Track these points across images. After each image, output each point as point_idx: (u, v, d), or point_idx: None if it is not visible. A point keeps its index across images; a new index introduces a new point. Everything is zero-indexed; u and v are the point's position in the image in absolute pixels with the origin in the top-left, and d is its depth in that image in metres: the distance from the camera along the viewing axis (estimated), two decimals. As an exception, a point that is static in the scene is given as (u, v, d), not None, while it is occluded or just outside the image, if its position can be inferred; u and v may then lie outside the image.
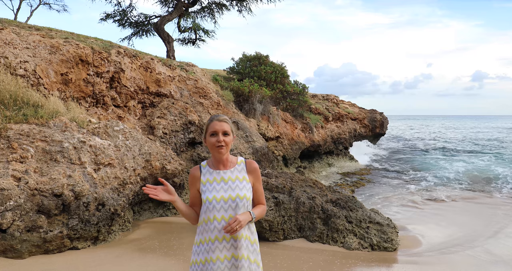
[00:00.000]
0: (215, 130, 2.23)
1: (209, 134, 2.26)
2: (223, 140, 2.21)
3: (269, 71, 13.94)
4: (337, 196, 6.22)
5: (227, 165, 2.31)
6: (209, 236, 2.20)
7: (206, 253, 2.19)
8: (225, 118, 2.28)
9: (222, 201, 2.20)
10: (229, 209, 2.20)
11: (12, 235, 4.40)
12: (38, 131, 5.20)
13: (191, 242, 5.45)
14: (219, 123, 2.24)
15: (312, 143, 14.82)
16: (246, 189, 2.26)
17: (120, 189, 5.63)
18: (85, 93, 7.56)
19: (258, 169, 2.37)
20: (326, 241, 5.59)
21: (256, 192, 2.35)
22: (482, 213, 8.18)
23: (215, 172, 2.29)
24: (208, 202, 2.21)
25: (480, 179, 12.00)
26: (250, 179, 2.32)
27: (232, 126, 2.30)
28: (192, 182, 2.32)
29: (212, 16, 17.11)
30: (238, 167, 2.32)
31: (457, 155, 20.20)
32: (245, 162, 2.36)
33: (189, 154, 8.90)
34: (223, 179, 2.26)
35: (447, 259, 5.20)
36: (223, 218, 2.18)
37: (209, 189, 2.24)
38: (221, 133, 2.23)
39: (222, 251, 2.17)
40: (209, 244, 2.19)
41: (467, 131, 48.89)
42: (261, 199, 2.38)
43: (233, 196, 2.21)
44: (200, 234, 2.25)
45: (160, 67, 9.53)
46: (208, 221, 2.20)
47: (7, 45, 6.45)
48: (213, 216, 2.19)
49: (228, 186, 2.24)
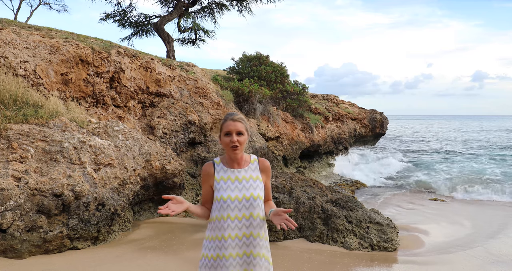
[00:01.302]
0: (229, 130, 2.23)
1: (223, 134, 2.27)
2: (237, 140, 2.22)
3: (269, 71, 13.94)
4: (337, 196, 6.22)
5: (242, 164, 2.34)
6: (222, 234, 2.23)
7: (218, 249, 2.23)
8: (240, 118, 2.29)
9: (236, 200, 2.24)
10: (243, 208, 2.24)
11: (12, 235, 4.40)
12: (38, 131, 5.20)
13: (191, 242, 5.45)
14: (233, 123, 2.24)
15: (312, 143, 14.82)
16: (260, 188, 2.31)
17: (120, 189, 5.63)
18: (85, 93, 7.56)
19: (270, 167, 2.41)
20: (326, 241, 5.59)
21: (266, 189, 2.40)
22: (482, 214, 8.18)
23: (229, 170, 2.31)
24: (223, 201, 2.24)
25: (482, 180, 11.97)
26: (263, 177, 2.36)
27: (246, 125, 2.30)
28: (206, 179, 2.34)
29: (212, 16, 17.11)
30: (252, 165, 2.35)
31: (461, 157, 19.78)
32: (258, 161, 2.39)
33: (189, 154, 8.90)
34: (237, 178, 2.29)
35: (447, 259, 5.20)
36: (237, 217, 2.23)
37: (224, 187, 2.27)
38: (235, 133, 2.23)
39: (234, 248, 2.22)
40: (222, 241, 2.23)
41: (488, 133, 43.05)
42: (269, 195, 2.44)
43: (247, 196, 2.25)
44: (212, 231, 2.28)
45: (160, 67, 9.53)
46: (222, 219, 2.24)
47: (7, 45, 6.45)
48: (227, 215, 2.23)
49: (243, 186, 2.27)
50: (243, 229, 2.23)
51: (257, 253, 2.24)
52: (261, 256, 2.25)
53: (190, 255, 4.93)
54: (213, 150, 9.26)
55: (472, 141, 31.23)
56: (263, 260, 2.26)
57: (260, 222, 2.27)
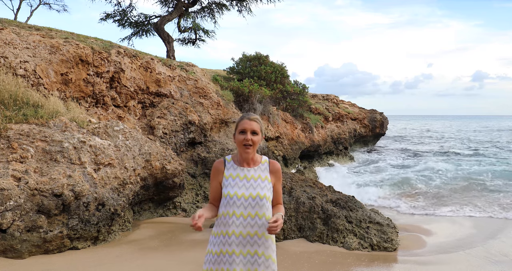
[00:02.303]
0: (244, 128, 2.27)
1: (238, 131, 2.30)
2: (250, 139, 2.25)
3: (269, 71, 13.94)
4: (337, 196, 6.22)
5: (252, 163, 2.36)
6: (226, 230, 2.26)
7: (222, 245, 2.25)
8: (256, 118, 2.32)
9: (242, 198, 2.26)
10: (249, 206, 2.26)
11: (12, 235, 4.40)
12: (38, 131, 5.20)
13: (191, 242, 5.45)
14: (249, 122, 2.27)
15: (312, 143, 14.82)
16: (267, 188, 2.32)
17: (120, 189, 5.63)
18: (85, 93, 7.56)
19: (280, 170, 2.42)
20: (326, 241, 5.59)
21: (276, 192, 2.41)
22: (482, 214, 8.18)
23: (239, 168, 2.34)
24: (229, 197, 2.27)
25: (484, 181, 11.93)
26: (272, 179, 2.37)
27: (262, 126, 2.33)
28: (215, 175, 2.37)
29: (212, 16, 17.11)
30: (262, 166, 2.37)
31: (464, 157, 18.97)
32: (268, 162, 2.40)
33: (189, 154, 8.90)
34: (246, 177, 2.31)
35: (447, 258, 5.21)
36: (242, 214, 2.25)
37: (231, 184, 2.29)
38: (249, 132, 2.26)
39: (238, 246, 2.24)
40: (226, 237, 2.25)
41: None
42: (280, 199, 2.44)
43: (253, 194, 2.27)
44: (218, 226, 2.32)
45: (160, 67, 9.53)
46: (227, 215, 2.26)
47: (7, 45, 6.45)
48: (233, 211, 2.25)
49: (250, 184, 2.29)
50: (248, 228, 2.25)
51: (262, 253, 2.25)
52: (266, 257, 2.26)
53: (190, 255, 4.93)
54: (213, 150, 9.26)
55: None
56: (269, 261, 2.27)
57: (266, 222, 2.27)
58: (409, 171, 13.82)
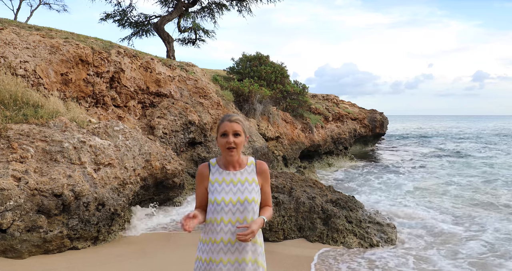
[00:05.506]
0: (225, 131, 2.16)
1: (220, 134, 2.20)
2: (233, 141, 2.15)
3: (269, 71, 13.95)
4: (337, 196, 6.22)
5: (238, 166, 2.26)
6: (214, 237, 2.18)
7: (210, 253, 2.18)
8: (237, 119, 2.21)
9: (230, 203, 2.17)
10: (237, 212, 2.17)
11: (12, 235, 4.40)
12: (38, 131, 5.20)
13: (190, 242, 5.44)
14: (230, 124, 2.16)
15: (312, 143, 14.82)
16: (255, 191, 2.23)
17: (120, 189, 5.63)
18: (85, 93, 7.56)
19: (268, 170, 2.32)
20: (326, 241, 5.58)
21: (264, 193, 2.31)
22: (482, 213, 8.17)
23: (224, 172, 2.24)
24: (216, 203, 2.17)
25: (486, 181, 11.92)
26: (259, 180, 2.28)
27: (244, 127, 2.22)
28: (200, 180, 2.27)
29: (212, 16, 17.14)
30: (248, 168, 2.27)
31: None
32: (255, 163, 2.31)
33: (189, 154, 8.91)
34: (232, 181, 2.22)
35: (447, 257, 5.20)
36: (230, 220, 2.16)
37: (218, 189, 2.20)
38: (231, 134, 2.16)
39: (226, 253, 2.16)
40: (214, 244, 2.17)
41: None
42: (268, 200, 2.34)
43: (241, 199, 2.18)
44: (206, 233, 2.23)
45: (160, 67, 9.53)
46: (215, 222, 2.18)
47: (7, 45, 6.45)
48: (221, 218, 2.16)
49: (237, 189, 2.20)
50: (236, 234, 2.15)
51: (250, 259, 2.17)
52: (253, 262, 2.19)
53: (190, 255, 4.92)
54: (213, 150, 9.26)
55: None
56: (255, 265, 2.19)
57: None
58: (408, 171, 13.82)
